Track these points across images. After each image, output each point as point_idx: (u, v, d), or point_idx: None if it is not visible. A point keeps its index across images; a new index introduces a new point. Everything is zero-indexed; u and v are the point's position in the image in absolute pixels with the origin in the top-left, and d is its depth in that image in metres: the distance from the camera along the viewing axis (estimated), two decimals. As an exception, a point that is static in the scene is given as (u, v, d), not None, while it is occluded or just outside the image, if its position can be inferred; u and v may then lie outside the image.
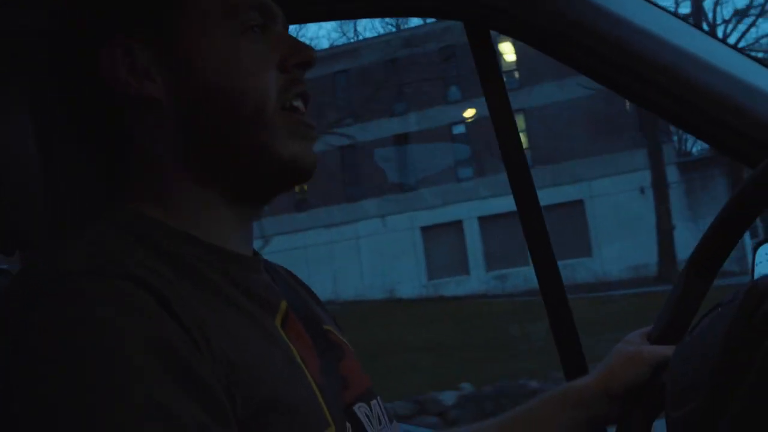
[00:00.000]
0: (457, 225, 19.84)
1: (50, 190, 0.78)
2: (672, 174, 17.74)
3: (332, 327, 0.77)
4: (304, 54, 0.68)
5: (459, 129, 20.47)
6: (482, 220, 19.69)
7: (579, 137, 18.48)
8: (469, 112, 19.52)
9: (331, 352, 0.71)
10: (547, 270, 1.05)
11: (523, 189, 1.05)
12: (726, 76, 0.89)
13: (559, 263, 1.02)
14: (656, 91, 0.92)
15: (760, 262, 0.93)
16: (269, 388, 0.58)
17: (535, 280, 1.05)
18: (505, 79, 1.04)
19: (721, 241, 0.79)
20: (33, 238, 0.80)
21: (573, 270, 18.00)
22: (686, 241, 17.15)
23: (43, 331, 0.51)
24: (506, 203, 21.30)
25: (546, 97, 17.80)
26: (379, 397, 0.75)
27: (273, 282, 0.71)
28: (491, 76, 1.06)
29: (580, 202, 18.73)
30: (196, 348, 0.54)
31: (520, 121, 19.60)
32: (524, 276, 19.19)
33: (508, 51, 20.12)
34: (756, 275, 0.92)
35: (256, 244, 0.74)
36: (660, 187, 16.43)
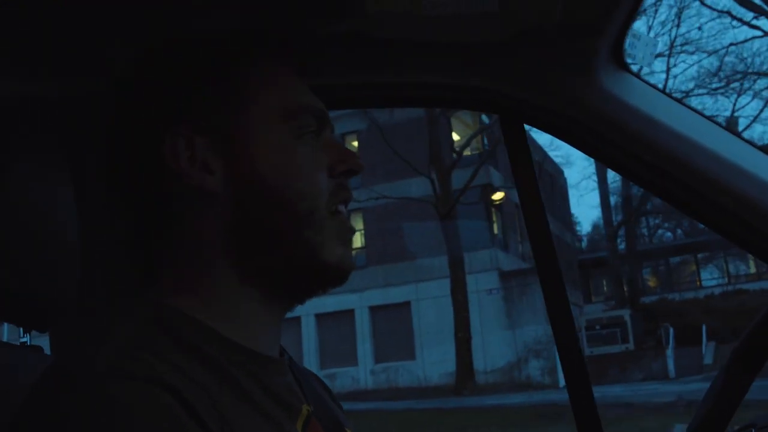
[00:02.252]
0: (295, 321, 19.63)
1: (86, 267, 0.78)
2: (493, 281, 18.85)
3: None
4: (352, 162, 0.71)
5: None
6: (318, 317, 19.61)
7: (409, 238, 19.16)
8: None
9: None
10: (567, 338, 1.08)
11: (549, 274, 1.08)
12: (754, 180, 0.92)
13: (384, 365, 1.03)
14: (687, 193, 0.95)
15: None
16: None
17: (362, 381, 1.07)
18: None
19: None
20: (65, 315, 0.78)
21: (396, 373, 17.97)
22: (499, 350, 17.83)
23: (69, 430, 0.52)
24: (340, 301, 21.10)
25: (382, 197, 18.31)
26: None
27: (298, 384, 0.72)
28: (523, 165, 1.10)
29: (407, 304, 18.94)
30: None
31: (360, 221, 20.07)
32: (352, 376, 19.12)
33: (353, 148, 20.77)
34: None
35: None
36: (457, 295, 16.15)
